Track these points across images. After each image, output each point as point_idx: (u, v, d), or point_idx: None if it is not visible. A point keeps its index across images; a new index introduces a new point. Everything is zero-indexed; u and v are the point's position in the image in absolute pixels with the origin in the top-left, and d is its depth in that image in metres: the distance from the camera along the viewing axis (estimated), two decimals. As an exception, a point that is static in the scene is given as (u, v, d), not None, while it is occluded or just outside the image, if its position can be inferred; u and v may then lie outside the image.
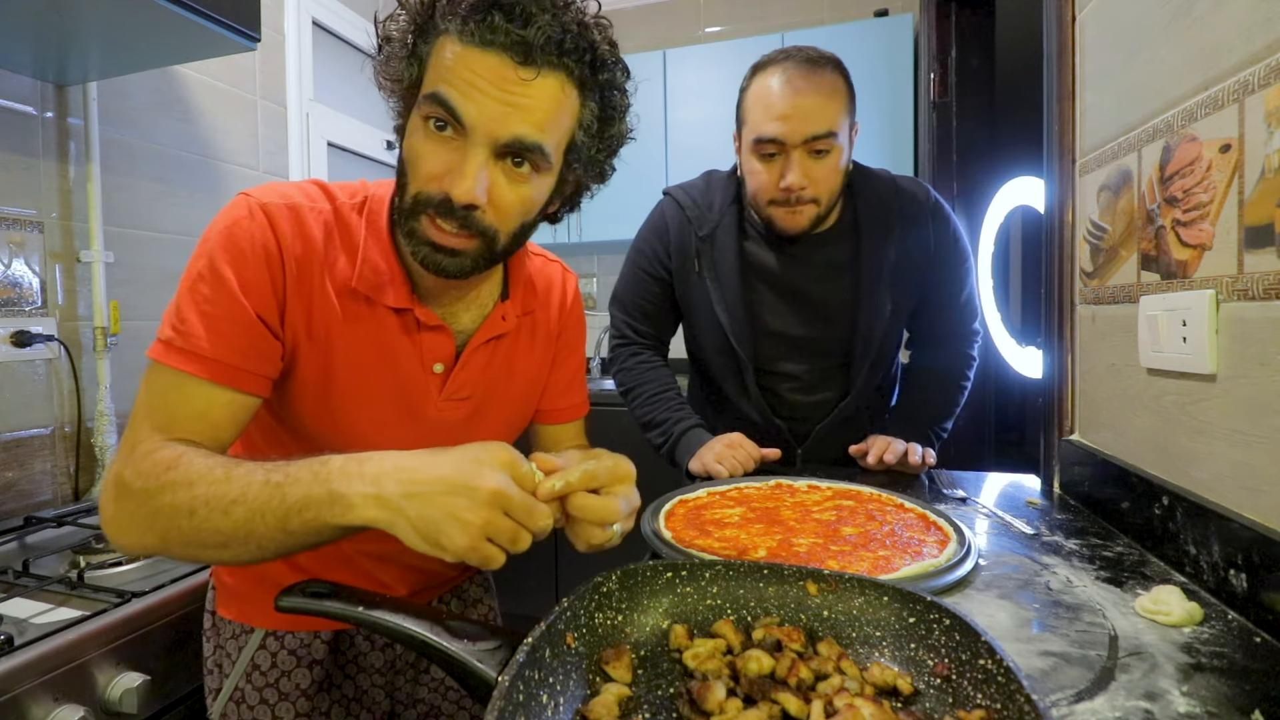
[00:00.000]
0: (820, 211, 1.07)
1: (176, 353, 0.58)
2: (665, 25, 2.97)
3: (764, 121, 1.02)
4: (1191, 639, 0.53)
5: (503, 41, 0.56)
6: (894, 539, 0.73)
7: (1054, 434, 1.01)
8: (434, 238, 0.61)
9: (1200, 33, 0.65)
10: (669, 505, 0.85)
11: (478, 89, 0.56)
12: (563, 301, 0.84)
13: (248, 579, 0.76)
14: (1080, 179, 0.96)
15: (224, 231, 0.62)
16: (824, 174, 1.03)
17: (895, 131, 2.43)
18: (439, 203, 0.59)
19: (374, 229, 0.67)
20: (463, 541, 0.47)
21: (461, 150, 0.58)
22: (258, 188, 0.66)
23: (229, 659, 0.77)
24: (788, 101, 1.00)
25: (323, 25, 2.13)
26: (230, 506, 0.51)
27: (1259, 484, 0.58)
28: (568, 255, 3.05)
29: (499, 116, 0.57)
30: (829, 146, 1.01)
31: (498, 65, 0.56)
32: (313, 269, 0.64)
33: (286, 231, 0.63)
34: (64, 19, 1.09)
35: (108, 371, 1.40)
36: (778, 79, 1.01)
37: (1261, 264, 0.57)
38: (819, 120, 0.99)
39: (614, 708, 0.41)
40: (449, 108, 0.57)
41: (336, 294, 0.65)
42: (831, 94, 1.01)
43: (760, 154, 1.04)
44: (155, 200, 1.55)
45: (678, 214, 1.20)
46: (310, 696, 0.76)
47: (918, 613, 0.47)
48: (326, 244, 0.65)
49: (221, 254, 0.61)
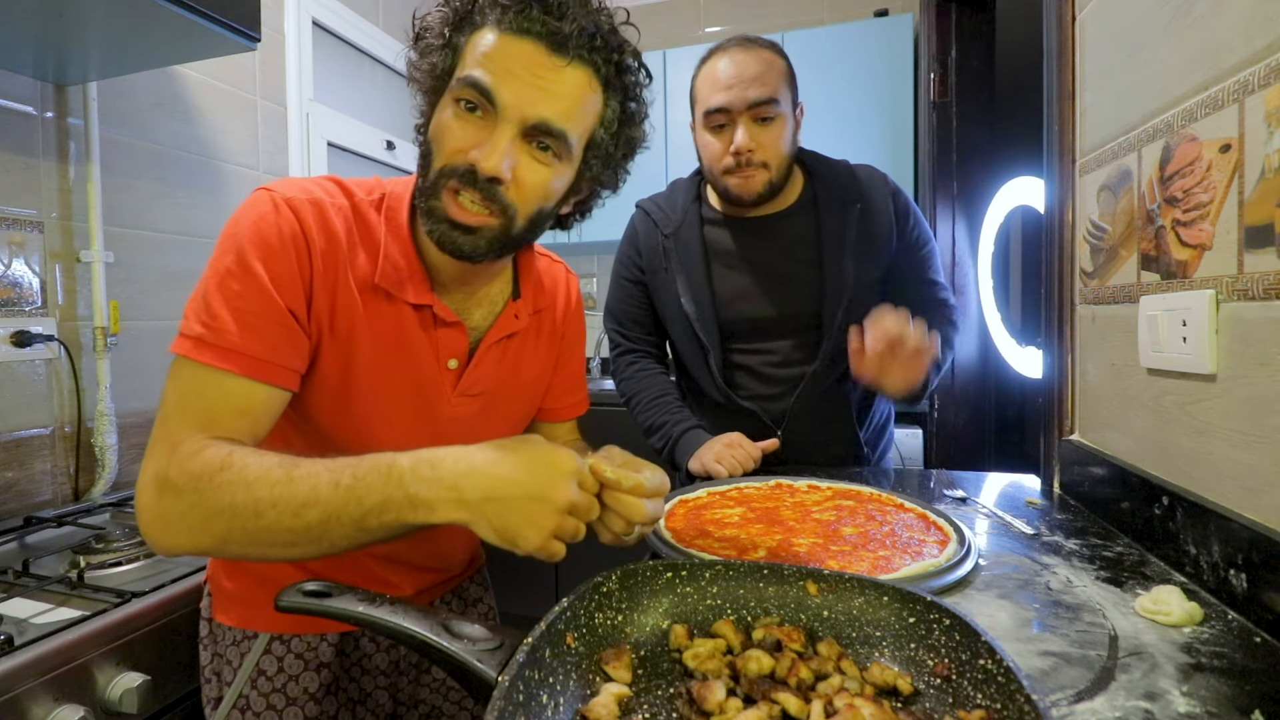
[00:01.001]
0: (772, 177, 1.12)
1: (210, 349, 0.58)
2: (665, 25, 2.97)
3: (710, 94, 1.10)
4: (1191, 639, 0.53)
5: (538, 30, 0.59)
6: (894, 539, 0.73)
7: (1054, 434, 1.01)
8: (453, 214, 0.62)
9: (1200, 33, 0.65)
10: (669, 505, 0.85)
11: (511, 73, 0.59)
12: (567, 302, 0.86)
13: (249, 582, 0.76)
14: (1080, 179, 0.96)
15: (252, 226, 0.62)
16: (770, 139, 1.10)
17: (895, 131, 2.43)
18: (464, 173, 0.61)
19: (393, 226, 0.68)
20: (536, 542, 0.52)
21: (490, 128, 0.60)
22: (278, 182, 0.66)
23: (229, 666, 0.76)
24: (729, 73, 1.08)
25: (323, 25, 2.13)
26: (301, 509, 0.52)
27: (1259, 484, 0.58)
28: (568, 255, 3.05)
29: (529, 98, 0.60)
30: (772, 114, 1.08)
31: (532, 52, 0.60)
32: (337, 263, 0.65)
33: (312, 225, 0.64)
34: (64, 19, 1.09)
35: (108, 371, 1.40)
36: (722, 59, 1.10)
37: (1261, 264, 0.57)
38: (760, 86, 1.07)
39: (614, 708, 0.41)
40: (483, 89, 0.59)
41: (358, 289, 0.66)
42: (770, 65, 1.09)
43: (710, 126, 1.12)
44: (155, 200, 1.55)
45: (645, 220, 1.28)
46: (319, 700, 0.75)
47: (918, 613, 0.47)
48: (349, 239, 0.66)
49: (251, 249, 0.61)
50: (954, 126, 2.21)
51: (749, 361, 1.22)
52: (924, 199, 2.30)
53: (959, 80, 2.19)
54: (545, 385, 0.85)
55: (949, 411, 2.21)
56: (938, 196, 2.25)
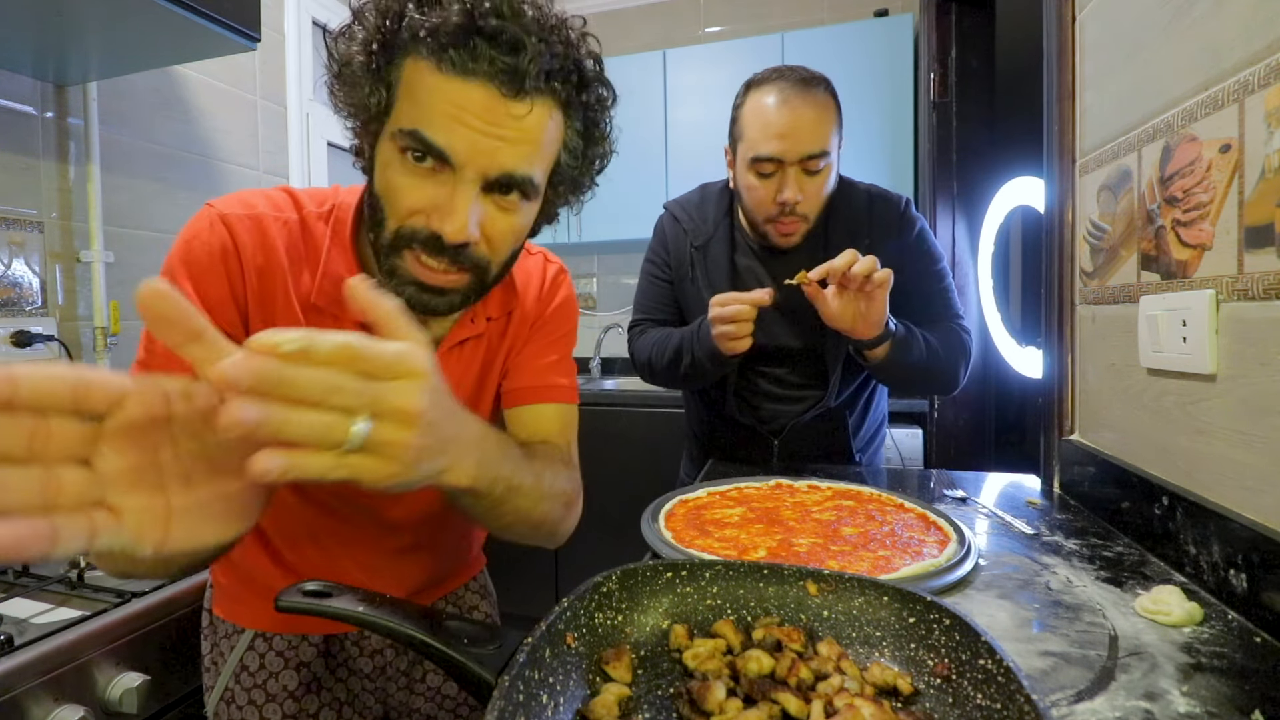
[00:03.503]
0: (810, 228, 1.11)
1: (142, 369, 0.58)
2: (665, 25, 2.97)
3: (762, 140, 1.05)
4: (1191, 639, 0.53)
5: (488, 71, 0.51)
6: (894, 539, 0.73)
7: (1054, 434, 1.01)
8: (421, 276, 0.57)
9: (1200, 33, 0.65)
10: (669, 505, 0.85)
11: (463, 123, 0.52)
12: (540, 289, 0.78)
13: (239, 579, 0.77)
14: (1080, 179, 0.96)
15: (183, 245, 0.60)
16: (815, 190, 1.08)
17: (895, 131, 2.43)
18: (425, 240, 0.56)
19: (338, 238, 0.64)
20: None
21: (448, 185, 0.54)
22: (223, 198, 0.63)
23: (222, 658, 0.77)
24: (785, 121, 1.03)
25: (323, 25, 2.13)
26: None
27: (1259, 484, 0.58)
28: (568, 255, 3.05)
29: (488, 151, 0.53)
30: (821, 166, 1.06)
31: (484, 98, 0.52)
32: (275, 280, 0.62)
33: (247, 242, 0.61)
34: (64, 19, 1.09)
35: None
36: (774, 98, 1.04)
37: (1261, 264, 0.57)
38: (814, 140, 1.03)
39: (614, 708, 0.41)
40: (433, 148, 0.53)
41: (301, 306, 0.63)
42: (825, 114, 1.05)
43: (758, 171, 1.08)
44: (155, 200, 1.55)
45: (674, 226, 1.27)
46: (298, 699, 0.76)
47: (918, 613, 0.47)
48: (290, 254, 0.63)
49: (181, 267, 0.59)
50: (954, 126, 2.21)
51: (757, 381, 1.23)
52: (924, 199, 2.30)
53: (959, 80, 2.19)
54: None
55: (949, 411, 2.21)
56: (938, 196, 2.25)
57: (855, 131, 2.44)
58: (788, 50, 2.51)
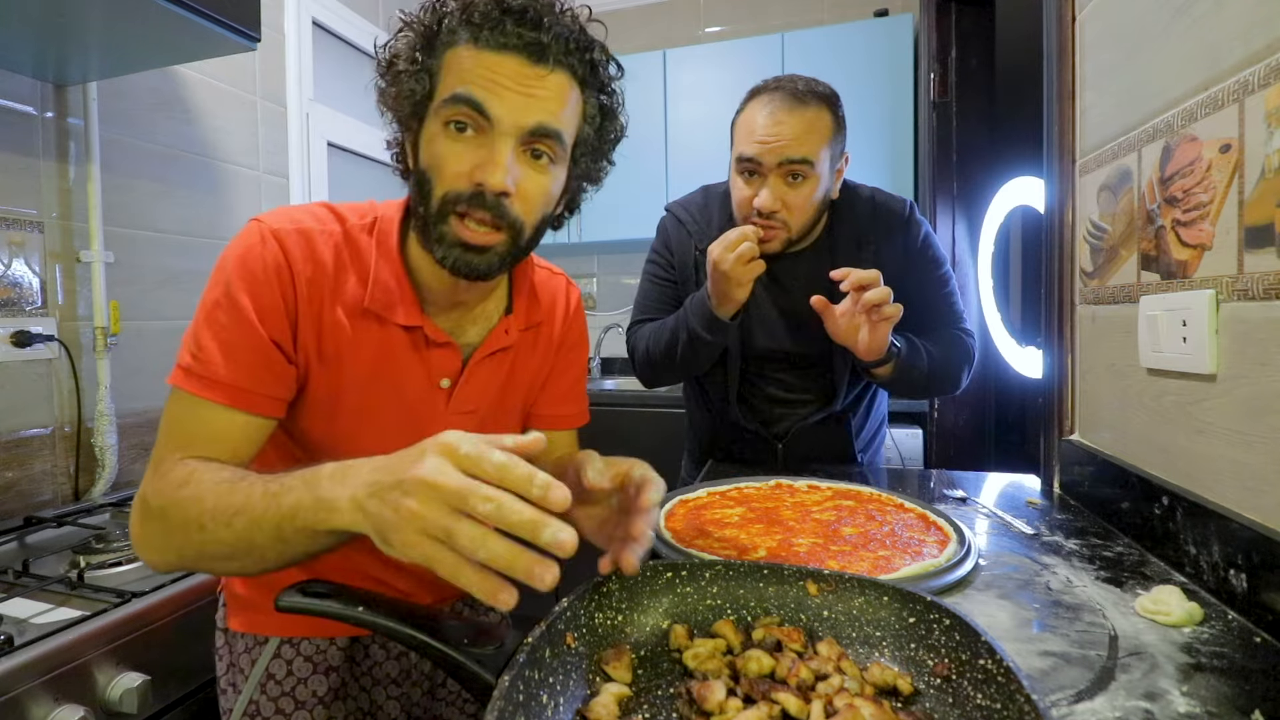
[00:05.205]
0: (790, 236, 1.10)
1: (195, 379, 0.61)
2: (665, 25, 2.97)
3: (745, 141, 1.07)
4: (1191, 639, 0.53)
5: (516, 44, 0.61)
6: (894, 539, 0.73)
7: (1054, 434, 1.02)
8: (464, 237, 0.63)
9: (1200, 33, 0.65)
10: (669, 505, 0.85)
11: (500, 85, 0.61)
12: (566, 313, 0.85)
13: (259, 587, 0.76)
14: (1080, 179, 0.96)
15: (239, 259, 0.64)
16: (797, 200, 1.06)
17: (895, 131, 2.43)
18: (471, 196, 0.62)
19: (384, 249, 0.69)
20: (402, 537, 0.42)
21: (488, 145, 0.61)
22: (269, 213, 0.68)
23: (242, 675, 0.76)
24: (767, 126, 1.04)
25: (323, 25, 2.13)
26: (233, 518, 0.52)
27: (1259, 484, 0.58)
28: (568, 255, 3.05)
29: (522, 107, 0.61)
30: (804, 173, 1.05)
31: (515, 65, 0.61)
32: (323, 290, 0.67)
33: (298, 256, 0.66)
34: (64, 19, 1.09)
35: (108, 372, 1.40)
36: (765, 107, 1.06)
37: (1261, 264, 0.57)
38: (795, 147, 1.03)
39: (614, 708, 0.41)
40: (475, 104, 0.60)
41: (347, 314, 0.68)
42: (814, 124, 1.04)
43: (741, 171, 1.09)
44: (155, 200, 1.55)
45: (678, 228, 1.27)
46: (327, 705, 0.75)
47: (918, 613, 0.47)
48: (336, 266, 0.68)
49: (238, 281, 0.63)
50: (954, 126, 2.21)
51: (761, 385, 1.23)
52: (924, 199, 2.30)
53: (959, 80, 2.19)
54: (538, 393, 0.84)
55: (949, 411, 2.21)
56: (938, 196, 2.25)
57: (855, 131, 2.41)
58: (787, 50, 2.51)
